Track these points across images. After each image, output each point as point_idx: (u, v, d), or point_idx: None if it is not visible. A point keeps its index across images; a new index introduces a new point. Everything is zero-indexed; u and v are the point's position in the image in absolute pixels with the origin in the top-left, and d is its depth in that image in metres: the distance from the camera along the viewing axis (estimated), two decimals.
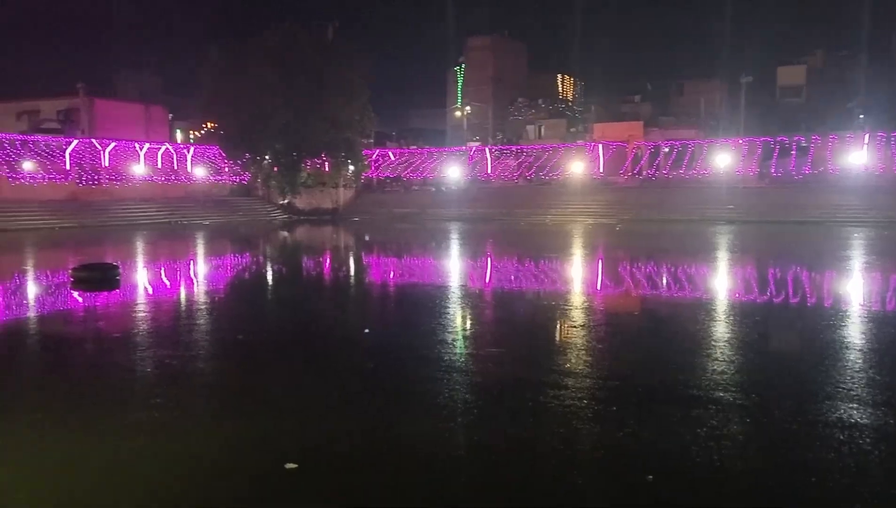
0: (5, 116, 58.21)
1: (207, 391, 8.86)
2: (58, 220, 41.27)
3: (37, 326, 13.63)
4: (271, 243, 36.44)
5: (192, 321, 13.96)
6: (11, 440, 7.01)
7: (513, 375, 9.29)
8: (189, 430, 7.31)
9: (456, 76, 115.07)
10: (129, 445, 6.82)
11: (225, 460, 6.52)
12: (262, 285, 20.48)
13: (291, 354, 10.84)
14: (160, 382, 9.26)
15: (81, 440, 6.99)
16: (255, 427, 7.34)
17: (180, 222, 46.44)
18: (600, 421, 7.45)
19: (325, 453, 6.64)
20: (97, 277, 17.94)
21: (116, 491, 5.88)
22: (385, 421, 7.46)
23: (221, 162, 58.36)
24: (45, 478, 6.11)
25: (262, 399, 8.34)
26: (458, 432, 7.23)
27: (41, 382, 9.48)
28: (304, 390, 8.70)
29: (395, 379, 9.16)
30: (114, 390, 8.82)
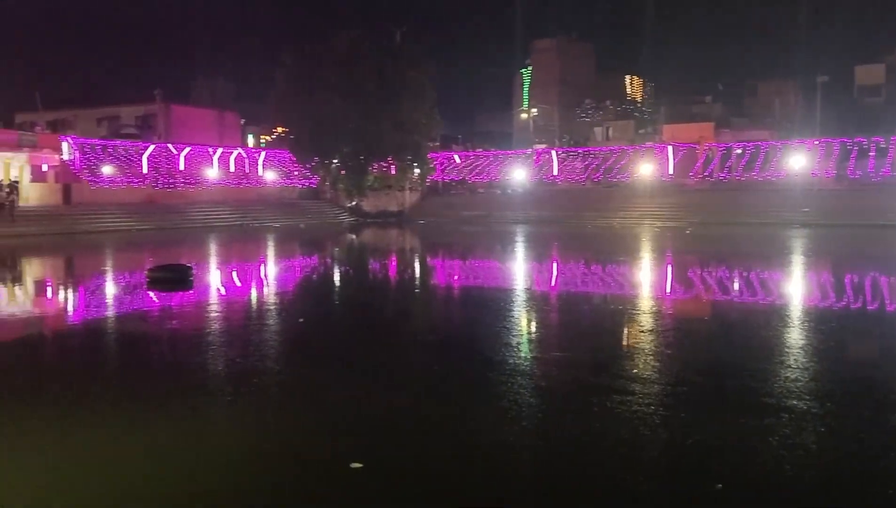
0: (87, 123, 60.58)
1: (275, 391, 9.03)
2: (135, 222, 42.68)
3: (115, 324, 14.12)
4: (339, 245, 36.95)
5: (262, 321, 14.26)
6: (104, 429, 7.28)
7: (578, 379, 9.20)
8: (256, 428, 7.47)
9: (522, 79, 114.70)
10: (194, 439, 7.02)
11: (292, 458, 6.63)
12: (329, 287, 20.78)
13: (358, 355, 10.96)
14: (230, 380, 9.49)
15: (154, 433, 7.22)
16: (321, 426, 7.46)
17: (251, 224, 47.48)
18: (668, 428, 7.31)
19: (389, 454, 6.70)
20: (172, 277, 18.48)
21: (189, 483, 6.05)
22: (449, 424, 7.48)
23: (291, 166, 59.50)
24: (133, 464, 6.34)
25: (329, 399, 8.46)
26: (522, 436, 7.20)
27: (121, 377, 9.81)
28: (370, 391, 8.78)
29: (460, 382, 9.17)
30: (184, 386, 9.07)
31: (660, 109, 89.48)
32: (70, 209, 43.00)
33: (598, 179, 60.09)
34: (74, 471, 6.28)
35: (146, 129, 59.91)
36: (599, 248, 32.57)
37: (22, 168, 44.12)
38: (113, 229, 40.72)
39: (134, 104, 62.18)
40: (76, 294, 18.85)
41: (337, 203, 59.13)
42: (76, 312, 16.03)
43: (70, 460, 6.53)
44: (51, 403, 8.31)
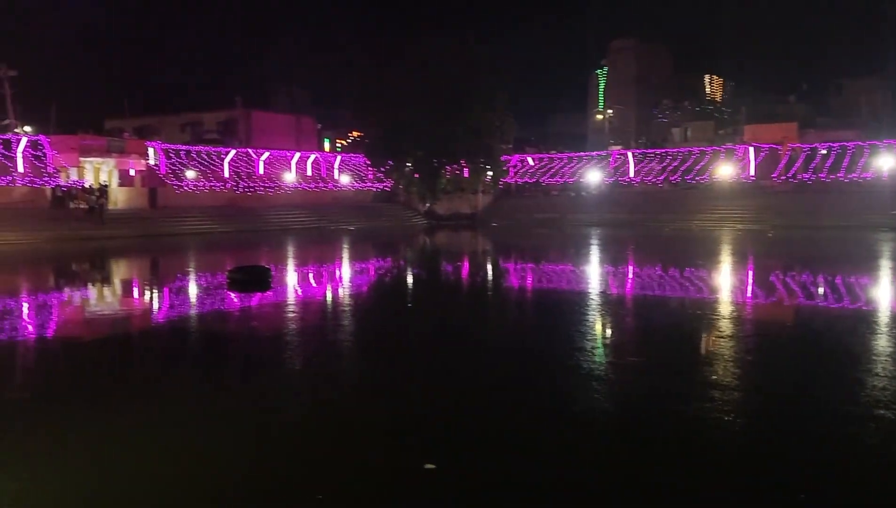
0: (172, 128, 62.78)
1: (349, 390, 9.15)
2: (216, 225, 43.97)
3: (197, 323, 14.58)
4: (412, 247, 37.24)
5: (338, 322, 14.49)
6: (188, 422, 7.54)
7: (655, 385, 9.02)
8: (331, 427, 7.59)
9: (597, 79, 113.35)
10: (272, 435, 7.18)
11: (366, 458, 6.71)
12: (403, 289, 20.95)
13: (430, 357, 11.03)
14: (305, 379, 9.68)
15: (231, 429, 7.42)
16: (394, 427, 7.52)
17: (328, 227, 48.30)
18: (748, 436, 7.10)
19: (462, 456, 6.71)
20: (251, 278, 18.96)
21: (268, 479, 6.20)
22: (521, 428, 7.44)
23: (366, 169, 60.34)
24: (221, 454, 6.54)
25: (402, 400, 8.53)
26: (596, 443, 7.11)
27: (202, 373, 10.12)
28: (443, 393, 8.82)
29: (533, 386, 9.12)
30: (262, 385, 9.29)
31: (740, 109, 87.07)
32: (155, 212, 44.60)
33: (675, 180, 58.89)
34: (166, 460, 6.51)
35: (228, 134, 61.71)
36: (677, 251, 31.90)
37: (111, 173, 46.01)
38: (195, 231, 42.03)
39: (216, 110, 64.10)
40: (161, 294, 19.54)
41: (410, 206, 59.65)
42: (161, 311, 16.61)
43: (160, 449, 6.77)
44: (140, 396, 8.63)
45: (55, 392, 9.11)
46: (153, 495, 5.87)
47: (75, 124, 48.60)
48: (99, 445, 6.98)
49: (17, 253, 30.44)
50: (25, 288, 20.93)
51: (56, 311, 16.30)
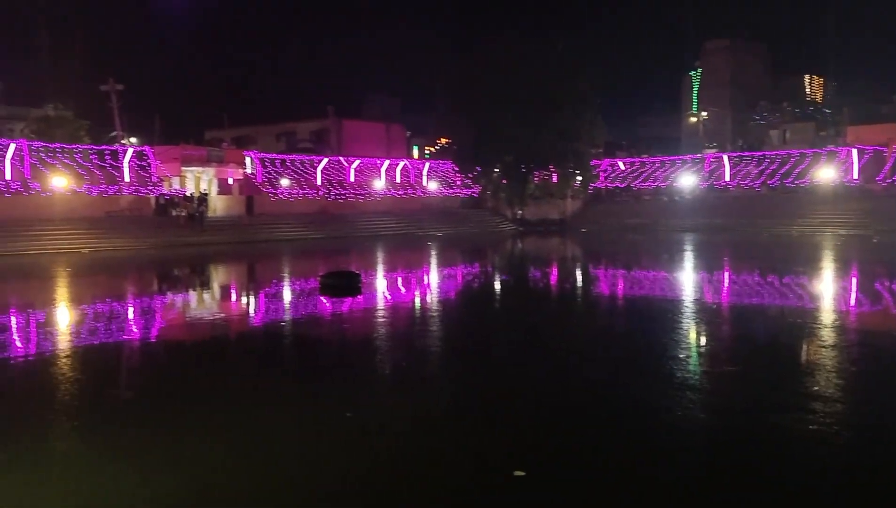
0: (267, 138, 64.77)
1: (437, 395, 9.20)
2: (309, 231, 45.03)
3: (291, 327, 14.95)
4: (500, 253, 37.18)
5: (426, 327, 14.59)
6: (278, 421, 7.75)
7: (752, 396, 8.71)
8: (419, 433, 7.63)
9: (691, 81, 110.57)
10: (361, 438, 7.28)
11: (456, 465, 6.72)
12: (491, 295, 20.93)
13: (520, 364, 10.97)
14: (395, 384, 9.79)
15: (320, 430, 7.56)
16: (483, 434, 7.51)
17: (415, 233, 48.77)
18: (851, 451, 6.76)
19: (552, 463, 6.64)
20: (342, 283, 19.33)
21: (356, 482, 6.29)
22: (611, 437, 7.31)
23: (454, 176, 60.67)
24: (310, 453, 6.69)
25: (491, 407, 8.52)
26: (690, 454, 6.91)
27: (295, 376, 10.37)
28: (532, 400, 8.76)
29: (624, 395, 8.95)
30: (352, 388, 9.44)
31: (843, 110, 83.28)
32: (252, 219, 46.03)
33: (774, 184, 56.80)
34: (264, 461, 6.70)
35: (320, 143, 63.21)
36: (776, 257, 30.73)
37: (210, 182, 47.78)
38: (289, 237, 43.17)
39: (309, 120, 65.77)
40: (257, 298, 20.15)
41: (498, 212, 59.59)
42: (257, 315, 17.12)
43: (257, 451, 6.98)
44: (238, 398, 8.92)
45: (158, 393, 9.50)
46: (248, 495, 6.04)
47: (178, 136, 50.82)
48: (200, 445, 7.23)
49: (124, 258, 31.98)
50: (131, 292, 21.95)
51: (160, 314, 17.04)
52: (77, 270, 26.98)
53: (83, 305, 18.48)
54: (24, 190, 37.77)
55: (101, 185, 40.92)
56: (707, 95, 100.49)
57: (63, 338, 13.47)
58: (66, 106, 51.30)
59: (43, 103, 52.05)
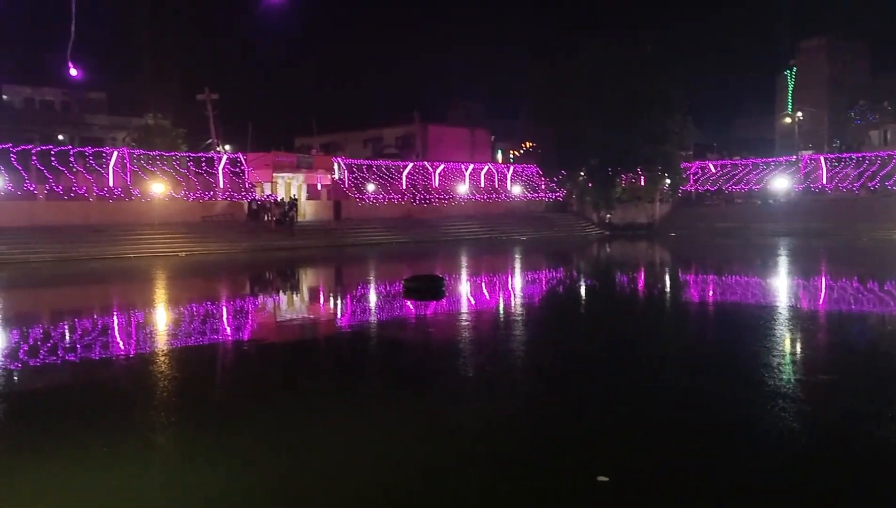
0: (355, 144, 65.99)
1: (522, 401, 9.18)
2: (395, 236, 45.62)
3: (376, 330, 15.19)
4: (585, 257, 36.76)
5: (510, 331, 14.57)
6: (363, 419, 7.91)
7: (848, 406, 8.35)
8: (501, 436, 7.64)
9: (786, 81, 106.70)
10: (443, 442, 7.33)
11: (537, 468, 6.70)
12: (576, 300, 20.73)
13: (605, 369, 10.84)
14: (477, 387, 9.82)
15: (402, 433, 7.66)
16: (566, 438, 7.46)
17: (500, 237, 48.75)
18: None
19: (635, 469, 6.54)
20: (425, 287, 19.51)
21: (439, 485, 6.35)
22: (699, 444, 7.14)
23: (538, 179, 60.34)
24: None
25: (575, 412, 8.45)
26: (782, 463, 6.68)
27: (380, 378, 10.54)
28: (617, 405, 8.64)
29: (714, 402, 8.72)
30: (434, 391, 9.53)
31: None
32: (340, 224, 46.96)
33: (874, 186, 54.19)
34: (351, 462, 6.85)
35: (405, 148, 63.96)
36: (876, 263, 29.33)
37: (300, 187, 49.00)
38: (375, 242, 43.84)
39: (395, 126, 66.65)
40: (344, 301, 20.56)
41: (584, 216, 58.93)
42: (343, 317, 17.45)
43: (345, 451, 7.14)
44: (324, 399, 9.14)
45: (250, 393, 9.82)
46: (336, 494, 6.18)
47: (269, 142, 52.29)
48: (286, 445, 7.44)
49: (218, 262, 33.15)
50: (226, 294, 22.73)
51: (252, 316, 17.60)
52: (175, 272, 28.13)
53: (181, 306, 19.25)
54: (125, 196, 39.63)
55: (198, 191, 42.53)
56: (803, 94, 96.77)
57: (162, 338, 14.07)
58: (164, 115, 53.62)
59: (143, 113, 54.57)
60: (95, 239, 34.91)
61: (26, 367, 11.21)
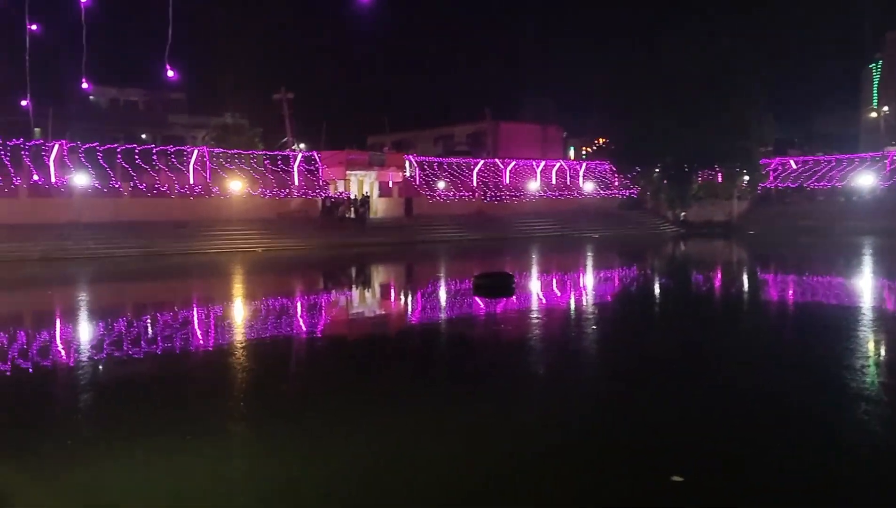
0: (426, 142, 66.39)
1: (594, 400, 9.12)
2: (465, 233, 45.69)
3: (445, 326, 15.29)
4: (660, 256, 36.12)
5: (581, 330, 14.47)
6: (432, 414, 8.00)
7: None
8: (576, 435, 7.61)
9: (871, 74, 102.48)
10: (509, 437, 7.35)
11: (610, 467, 6.66)
12: (650, 299, 20.41)
13: (678, 369, 10.66)
14: (548, 386, 9.80)
15: (461, 428, 7.71)
16: (640, 437, 7.38)
17: (572, 234, 48.32)
18: None
19: (712, 470, 6.43)
20: (495, 284, 19.52)
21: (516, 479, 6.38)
22: (776, 446, 6.97)
23: (611, 176, 59.55)
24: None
25: (647, 411, 8.35)
26: (862, 469, 6.46)
27: (447, 374, 10.62)
28: (692, 405, 8.50)
29: (792, 403, 8.49)
30: (504, 389, 9.55)
31: None
32: (410, 221, 47.33)
33: None
34: (418, 460, 6.95)
35: (476, 145, 64.00)
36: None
37: (372, 185, 49.61)
38: (446, 239, 44.02)
39: (466, 123, 66.76)
40: (414, 297, 20.75)
41: (659, 213, 57.86)
42: (414, 313, 17.62)
43: (413, 449, 7.25)
44: (396, 391, 9.27)
45: (322, 386, 10.05)
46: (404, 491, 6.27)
47: (342, 141, 53.07)
48: (362, 436, 7.58)
49: (293, 257, 33.85)
50: (300, 289, 23.22)
51: (325, 311, 17.94)
52: (253, 268, 28.87)
53: (259, 301, 19.76)
54: (205, 193, 40.86)
55: (273, 188, 43.52)
56: (890, 88, 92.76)
57: (241, 331, 14.49)
58: (242, 115, 55.03)
59: (222, 113, 56.13)
60: (177, 235, 36.11)
61: (111, 358, 11.71)
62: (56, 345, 13.14)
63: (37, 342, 13.23)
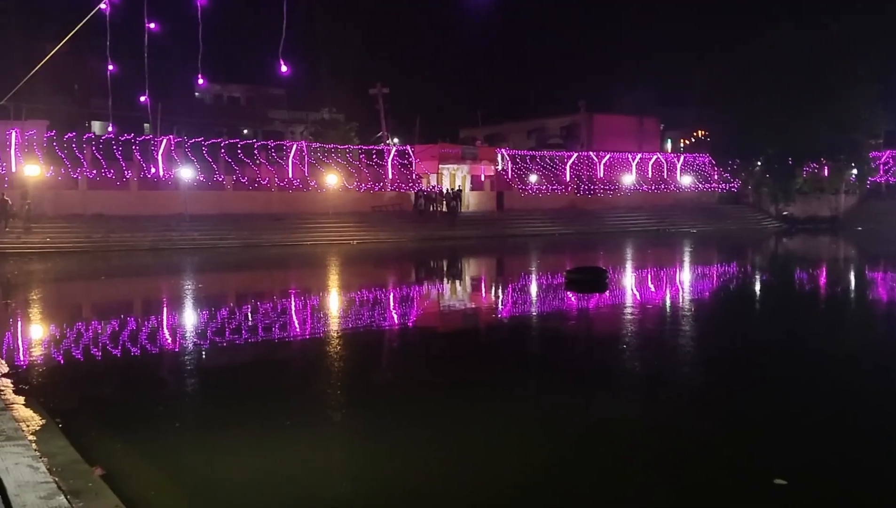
0: (518, 135, 66.04)
1: (690, 398, 8.92)
2: (558, 227, 45.33)
3: (537, 321, 15.24)
4: (761, 252, 34.88)
5: (678, 327, 14.15)
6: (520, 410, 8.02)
7: None
8: (674, 435, 7.47)
9: None
10: (608, 439, 7.28)
11: (711, 469, 6.52)
12: (751, 297, 19.76)
13: (780, 369, 10.32)
14: (643, 384, 9.64)
15: (562, 424, 7.67)
16: (741, 440, 7.20)
17: (668, 229, 47.23)
18: None
19: (815, 473, 6.22)
20: (588, 279, 19.30)
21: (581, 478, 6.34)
22: (881, 450, 6.66)
23: (710, 169, 57.80)
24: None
25: (748, 411, 8.13)
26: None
27: (540, 369, 10.59)
28: (794, 407, 8.22)
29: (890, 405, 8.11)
30: (599, 385, 9.46)
31: None
32: (502, 215, 47.30)
33: None
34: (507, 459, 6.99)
35: (570, 138, 63.22)
36: None
37: (464, 178, 49.80)
38: (537, 233, 43.78)
39: (559, 116, 66.01)
40: (505, 291, 20.76)
41: (760, 208, 55.82)
42: (505, 307, 17.63)
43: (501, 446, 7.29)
44: (487, 385, 9.33)
45: (413, 377, 10.20)
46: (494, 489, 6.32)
47: (435, 134, 53.42)
48: (452, 429, 7.67)
49: (386, 250, 34.40)
50: (393, 281, 23.59)
51: (417, 303, 18.18)
52: (347, 259, 29.50)
53: (354, 292, 20.19)
54: (303, 187, 41.96)
55: (368, 182, 44.27)
56: None
57: (336, 321, 14.85)
58: (338, 110, 56.15)
59: (319, 108, 57.38)
60: (276, 227, 37.25)
61: (215, 345, 12.22)
62: (163, 331, 13.81)
63: (146, 328, 13.93)
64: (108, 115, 45.16)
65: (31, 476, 5.26)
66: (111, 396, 8.89)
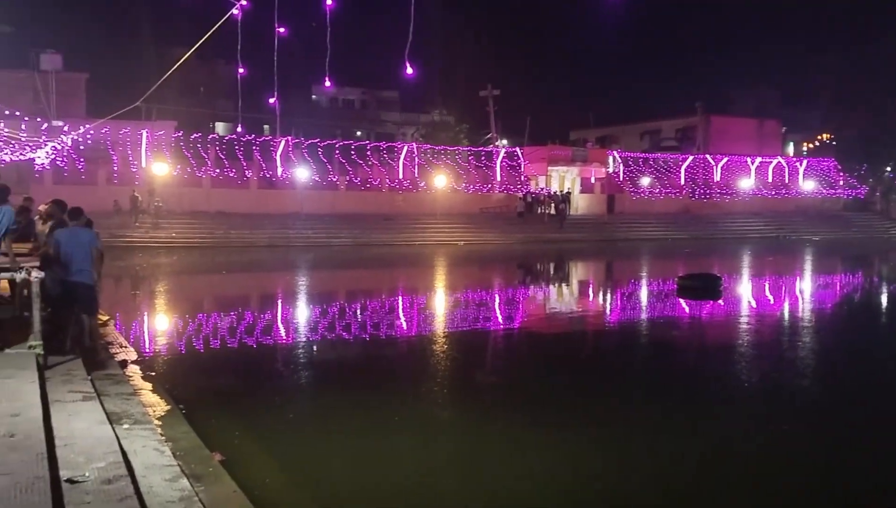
0: (631, 137, 64.75)
1: (809, 414, 8.57)
2: (670, 231, 44.17)
3: (646, 327, 14.92)
4: (887, 263, 32.88)
5: (796, 338, 13.57)
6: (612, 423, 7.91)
7: None
8: (786, 452, 7.21)
9: None
10: (718, 452, 7.08)
11: (822, 491, 6.27)
12: (874, 310, 18.69)
13: (875, 383, 9.76)
14: (760, 397, 9.32)
15: (669, 436, 7.51)
16: (857, 461, 6.87)
17: (788, 236, 45.24)
18: None
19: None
20: (701, 286, 18.73)
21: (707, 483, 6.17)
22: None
23: (835, 175, 54.92)
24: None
25: (868, 432, 7.74)
26: None
27: (644, 380, 10.39)
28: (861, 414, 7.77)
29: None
30: (709, 396, 9.20)
31: None
32: (612, 218, 46.51)
33: None
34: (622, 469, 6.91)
35: (685, 141, 61.44)
36: None
37: (574, 180, 49.27)
38: (649, 237, 42.82)
39: (674, 118, 64.28)
40: (613, 296, 20.42)
41: (889, 216, 52.58)
42: (613, 312, 17.36)
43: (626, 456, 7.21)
44: (589, 390, 9.24)
45: (519, 380, 10.22)
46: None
47: (545, 136, 53.07)
48: (555, 433, 7.64)
49: (493, 251, 34.47)
50: (499, 284, 23.62)
51: (522, 306, 18.15)
52: (455, 260, 29.76)
53: (460, 293, 20.36)
54: (413, 188, 42.61)
55: (476, 183, 44.49)
56: None
57: (442, 321, 15.03)
58: (449, 111, 56.68)
59: (430, 110, 58.09)
60: (386, 227, 38.00)
61: (326, 340, 12.60)
62: (278, 325, 14.36)
63: (262, 321, 14.52)
64: (230, 116, 47.29)
65: (156, 459, 5.60)
66: (230, 385, 9.32)
